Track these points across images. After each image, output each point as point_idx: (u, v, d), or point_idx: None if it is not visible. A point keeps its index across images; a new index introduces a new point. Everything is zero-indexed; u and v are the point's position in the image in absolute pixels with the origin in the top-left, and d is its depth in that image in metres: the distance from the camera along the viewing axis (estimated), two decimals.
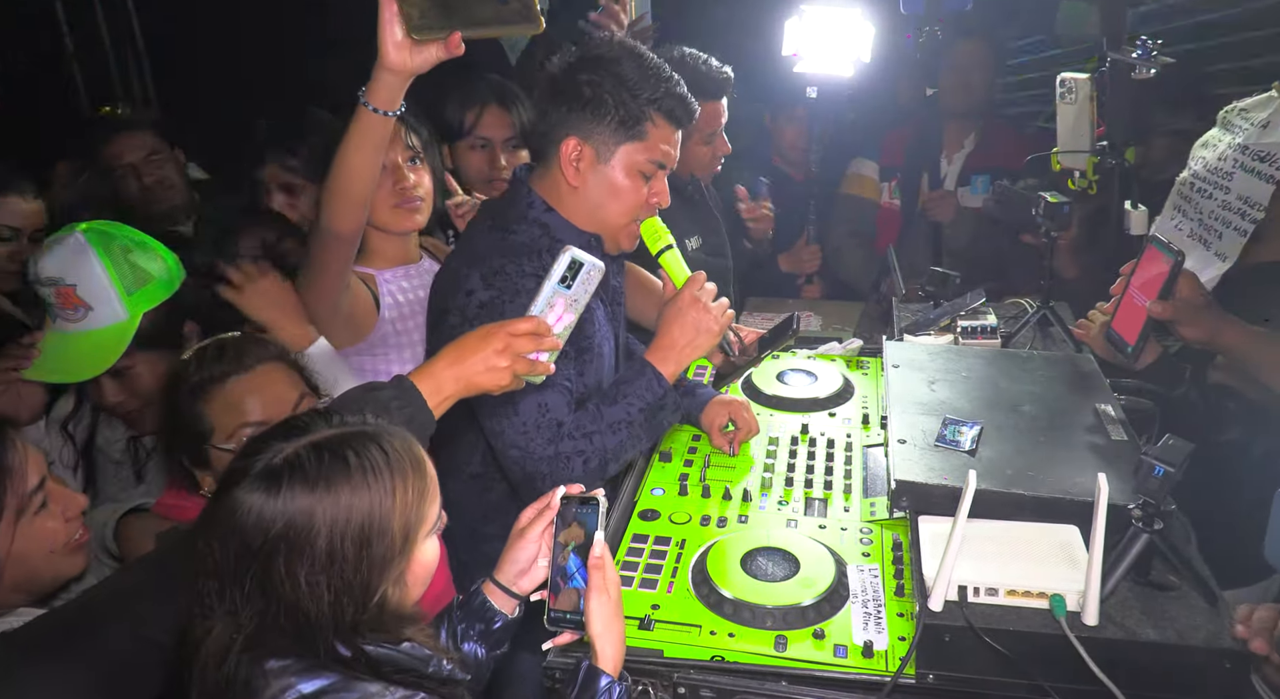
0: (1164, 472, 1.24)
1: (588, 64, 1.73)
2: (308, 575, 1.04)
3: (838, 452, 1.91)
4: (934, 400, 1.72)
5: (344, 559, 1.05)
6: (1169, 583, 1.31)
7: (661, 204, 1.82)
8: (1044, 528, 1.38)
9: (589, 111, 1.71)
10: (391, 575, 1.11)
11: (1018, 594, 1.27)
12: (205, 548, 1.06)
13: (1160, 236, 1.70)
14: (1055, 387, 1.77)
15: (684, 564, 1.55)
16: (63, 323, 1.85)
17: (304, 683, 1.02)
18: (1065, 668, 1.20)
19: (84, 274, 1.84)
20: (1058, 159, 2.28)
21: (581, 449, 1.66)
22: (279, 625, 1.05)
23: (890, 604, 1.44)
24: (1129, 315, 1.78)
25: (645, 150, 1.74)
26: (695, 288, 1.76)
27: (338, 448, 1.08)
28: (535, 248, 1.73)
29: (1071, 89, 2.19)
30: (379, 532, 1.07)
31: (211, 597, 1.05)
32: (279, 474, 1.06)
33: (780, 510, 1.72)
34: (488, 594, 1.37)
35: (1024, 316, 2.21)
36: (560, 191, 1.78)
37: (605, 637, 1.23)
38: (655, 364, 1.74)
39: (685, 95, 1.76)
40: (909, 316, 2.33)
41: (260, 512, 1.04)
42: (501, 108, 2.54)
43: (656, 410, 1.74)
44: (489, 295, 1.67)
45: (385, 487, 1.08)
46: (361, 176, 1.72)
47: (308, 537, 1.04)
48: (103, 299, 1.84)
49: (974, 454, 1.53)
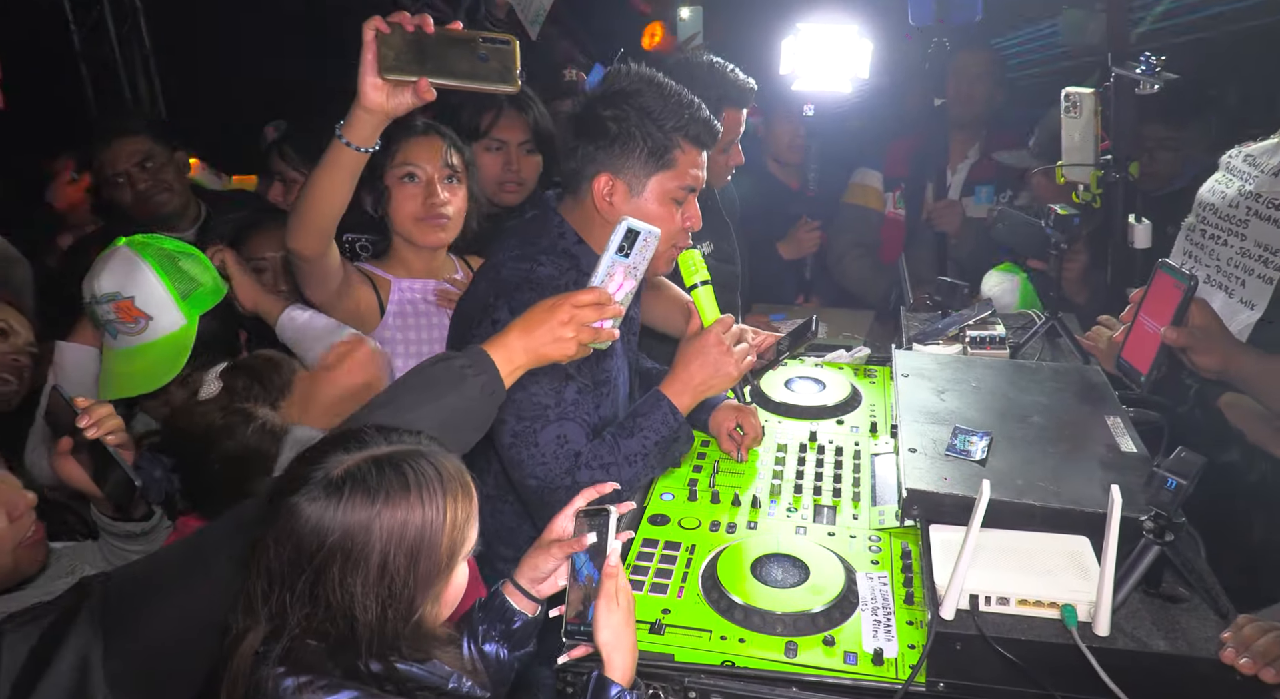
0: (1176, 484, 1.25)
1: (610, 99, 1.76)
2: (359, 586, 1.06)
3: (846, 459, 1.92)
4: (944, 410, 1.73)
5: (395, 573, 1.07)
6: (1180, 595, 1.32)
7: (694, 227, 1.85)
8: (1054, 538, 1.39)
9: (617, 147, 1.74)
10: (433, 592, 1.12)
11: (1029, 604, 1.28)
12: (259, 549, 1.08)
13: (1172, 263, 1.67)
14: (1064, 397, 1.78)
15: (694, 569, 1.55)
16: (125, 338, 1.87)
17: (329, 696, 1.03)
18: (1076, 678, 1.21)
19: (140, 285, 1.87)
20: (1062, 172, 2.30)
21: (598, 480, 1.67)
22: (320, 632, 1.06)
23: (900, 612, 1.45)
24: (1141, 343, 1.72)
25: (676, 178, 1.77)
26: (722, 330, 1.78)
27: (397, 463, 1.10)
28: (561, 281, 1.75)
29: (1076, 103, 2.21)
30: (429, 548, 1.09)
31: (257, 596, 1.07)
32: (340, 485, 1.07)
33: (789, 517, 1.72)
34: (507, 595, 1.38)
35: (1032, 327, 2.23)
36: (593, 224, 1.81)
37: (614, 646, 1.23)
38: (671, 397, 1.77)
39: (708, 118, 1.79)
40: (917, 326, 2.34)
41: (319, 520, 1.06)
42: (517, 111, 2.56)
43: (670, 442, 1.77)
44: None
45: (438, 505, 1.10)
46: (328, 205, 1.77)
47: (364, 548, 1.06)
48: (161, 307, 1.87)
49: (984, 464, 1.54)
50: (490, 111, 2.53)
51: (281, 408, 1.63)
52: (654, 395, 1.77)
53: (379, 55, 1.53)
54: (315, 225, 1.80)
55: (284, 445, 1.57)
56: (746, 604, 1.43)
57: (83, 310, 1.97)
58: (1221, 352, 1.66)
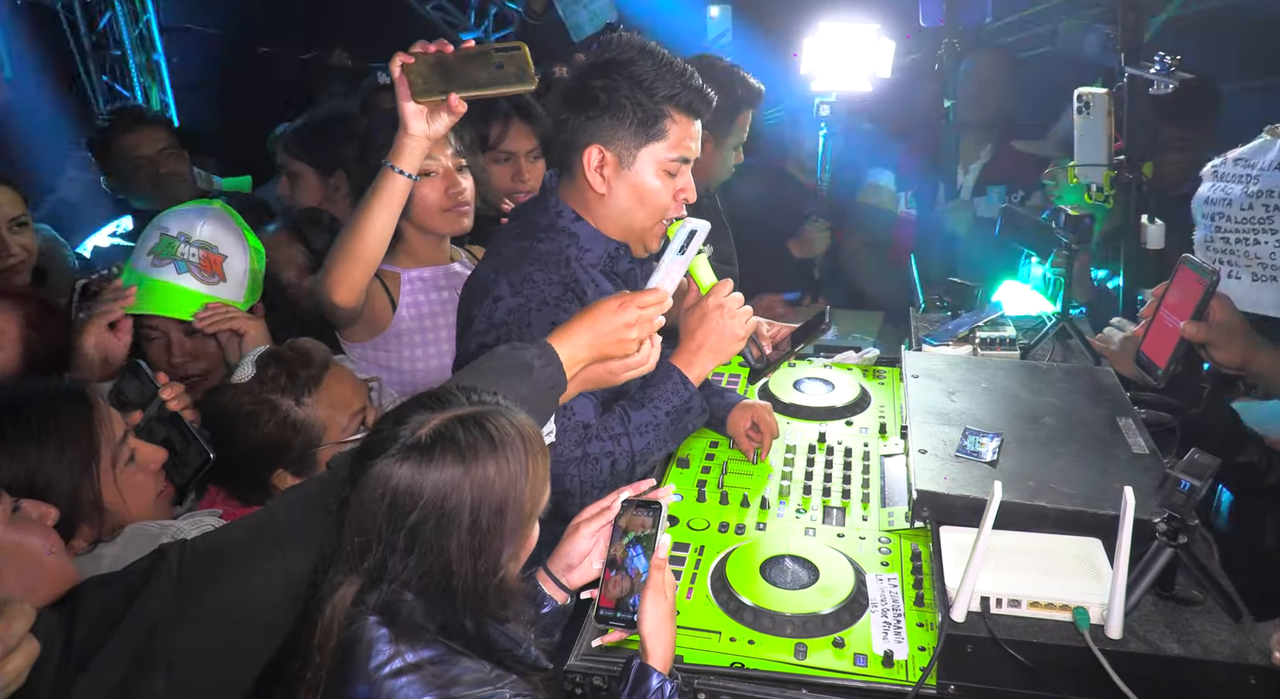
0: (1190, 486, 1.24)
1: (601, 68, 1.72)
2: (454, 541, 1.10)
3: (855, 461, 1.91)
4: (954, 411, 1.72)
5: (486, 528, 1.11)
6: (1193, 597, 1.31)
7: (689, 200, 1.82)
8: (1066, 540, 1.38)
9: (607, 117, 1.70)
10: (517, 546, 1.16)
11: (1041, 606, 1.28)
12: (355, 509, 1.11)
13: (1195, 259, 1.66)
14: (1075, 399, 1.77)
15: (703, 570, 1.55)
16: (188, 279, 1.92)
17: (411, 653, 1.06)
18: (1088, 681, 1.20)
19: (234, 251, 1.97)
20: (1074, 172, 2.28)
21: (610, 451, 1.67)
22: (420, 587, 1.10)
23: (910, 614, 1.44)
24: (1160, 337, 1.72)
25: (668, 149, 1.73)
26: (721, 294, 1.76)
27: (482, 422, 1.14)
28: (562, 257, 1.74)
29: (1089, 103, 2.20)
30: (515, 504, 1.13)
31: (355, 553, 1.10)
32: (430, 446, 1.11)
33: (798, 519, 1.72)
34: (539, 581, 1.40)
35: (1042, 328, 2.21)
36: (587, 200, 1.78)
37: (657, 636, 1.24)
38: (680, 367, 1.75)
39: (702, 87, 1.74)
40: (927, 327, 2.33)
41: (412, 480, 1.09)
42: (524, 121, 2.57)
43: (683, 413, 1.74)
44: (516, 301, 1.69)
45: (520, 461, 1.14)
46: (377, 239, 1.82)
47: (456, 505, 1.10)
48: (235, 279, 1.96)
49: (995, 465, 1.53)
50: (496, 123, 2.54)
51: (307, 403, 1.64)
52: (663, 366, 1.74)
53: (409, 83, 1.65)
54: (364, 263, 1.84)
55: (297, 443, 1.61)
56: (756, 606, 1.42)
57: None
58: (1241, 347, 1.66)
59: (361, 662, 1.06)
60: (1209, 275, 1.58)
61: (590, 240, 1.78)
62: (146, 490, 1.45)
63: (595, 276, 1.78)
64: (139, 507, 1.43)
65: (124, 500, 1.39)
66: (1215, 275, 1.57)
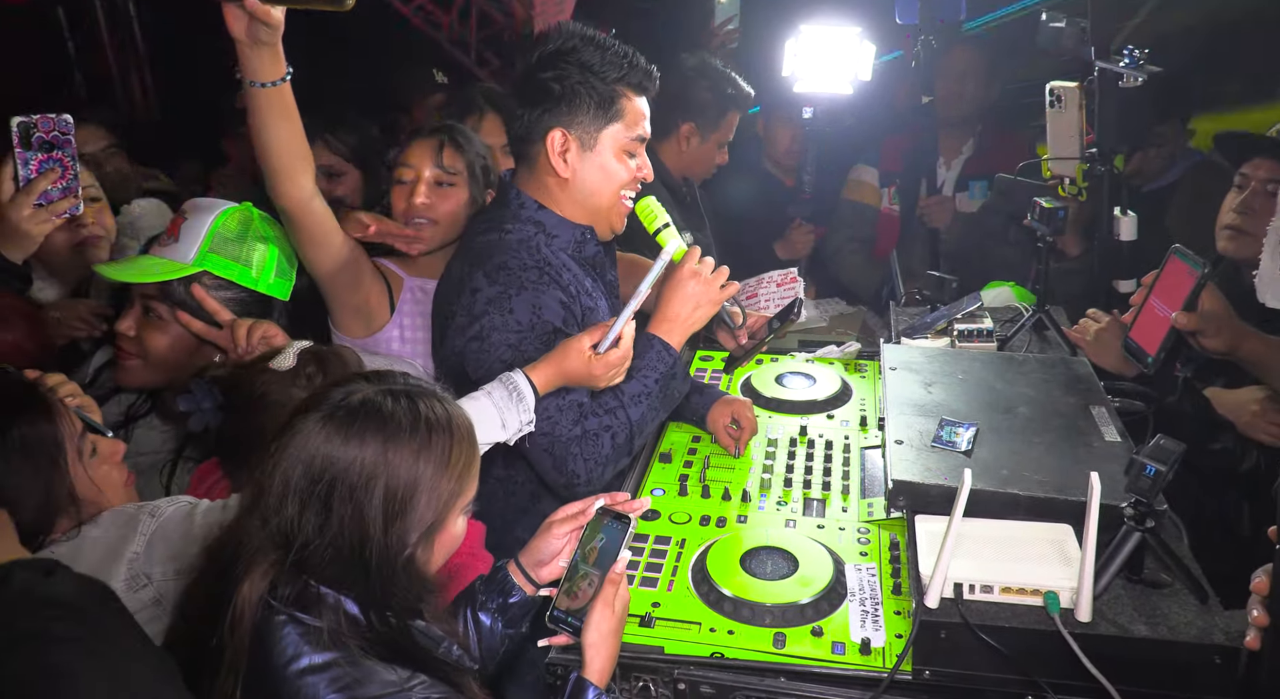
0: (1155, 471, 1.26)
1: (548, 61, 1.75)
2: (367, 508, 1.11)
3: (836, 453, 1.93)
4: (931, 402, 1.74)
5: (395, 502, 1.12)
6: (1161, 581, 1.33)
7: (647, 179, 1.85)
8: (1038, 527, 1.41)
9: (564, 105, 1.74)
10: (426, 532, 1.17)
11: (1012, 591, 1.30)
12: (276, 460, 1.12)
13: (1186, 250, 1.68)
14: (1050, 389, 1.80)
15: (684, 563, 1.57)
16: (155, 247, 1.91)
17: (317, 654, 1.07)
18: (1059, 664, 1.23)
19: (198, 216, 1.91)
20: (1048, 166, 2.31)
21: (608, 424, 1.68)
22: (325, 555, 1.11)
23: (888, 602, 1.46)
24: (1149, 325, 1.75)
25: (626, 128, 1.78)
26: (693, 261, 1.78)
27: (413, 398, 1.16)
28: (533, 243, 1.77)
29: (1061, 97, 2.22)
30: (430, 486, 1.15)
31: (270, 513, 1.11)
32: (355, 412, 1.13)
33: (779, 511, 1.74)
34: (509, 571, 1.42)
35: (1020, 320, 2.24)
36: (549, 188, 1.81)
37: (598, 648, 1.26)
38: (661, 336, 1.77)
39: (646, 65, 1.79)
40: (906, 320, 2.35)
41: (330, 441, 1.11)
42: (497, 115, 2.58)
43: (670, 379, 1.77)
44: (495, 291, 1.71)
45: (444, 446, 1.16)
46: (271, 148, 1.76)
47: (373, 471, 1.11)
48: (189, 241, 1.89)
49: (970, 455, 1.55)
50: (472, 117, 2.55)
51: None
52: (643, 338, 1.76)
53: None
54: (274, 169, 1.79)
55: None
56: (736, 597, 1.44)
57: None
58: (1230, 334, 1.70)
59: (270, 656, 1.07)
60: (1200, 266, 1.61)
61: (556, 227, 1.81)
62: (114, 479, 1.48)
63: (565, 261, 1.80)
64: (112, 493, 1.46)
65: (98, 489, 1.43)
66: (1207, 265, 1.61)
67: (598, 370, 1.61)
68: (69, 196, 1.72)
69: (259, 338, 1.75)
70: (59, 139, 1.69)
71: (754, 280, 2.90)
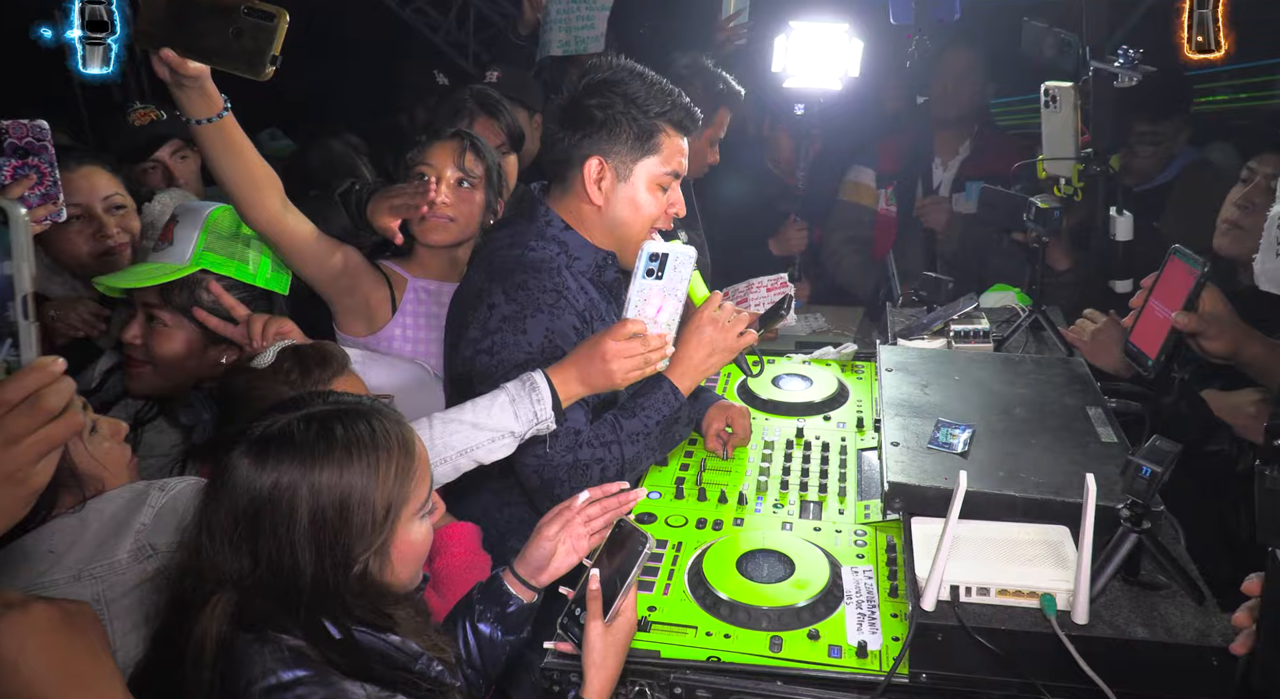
0: (1151, 472, 1.26)
1: (595, 88, 1.80)
2: (296, 535, 1.12)
3: (832, 455, 1.93)
4: (927, 403, 1.74)
5: (325, 524, 1.13)
6: (1158, 582, 1.33)
7: (679, 214, 1.90)
8: (1035, 528, 1.40)
9: (604, 133, 1.78)
10: (372, 546, 1.16)
11: (1009, 594, 1.29)
12: (207, 507, 1.14)
13: (1185, 250, 1.67)
14: (1047, 390, 1.80)
15: (680, 566, 1.56)
16: (151, 254, 1.92)
17: (285, 671, 1.06)
18: (1056, 666, 1.22)
19: (189, 217, 1.92)
20: (1043, 166, 2.31)
21: (600, 457, 1.70)
22: (267, 584, 1.11)
23: (884, 605, 1.46)
24: (1150, 328, 1.72)
25: (662, 163, 1.82)
26: (713, 307, 1.80)
27: (327, 421, 1.16)
28: (554, 265, 1.78)
29: (1056, 97, 2.22)
30: (360, 502, 1.15)
31: (209, 552, 1.12)
32: (269, 442, 1.14)
33: (775, 513, 1.74)
34: (505, 580, 1.42)
35: (1016, 321, 2.24)
36: (581, 211, 1.84)
37: (599, 669, 1.26)
38: (673, 379, 1.78)
39: (689, 105, 1.84)
40: (903, 321, 2.35)
41: (249, 476, 1.12)
42: (489, 117, 2.60)
43: (672, 423, 1.78)
44: (511, 309, 1.72)
45: (368, 460, 1.15)
46: (227, 177, 1.79)
47: (292, 500, 1.12)
48: (183, 242, 1.90)
49: (966, 456, 1.55)
50: (463, 120, 2.56)
51: None
52: (653, 378, 1.78)
53: (140, 18, 1.50)
54: (234, 198, 1.83)
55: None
56: (732, 600, 1.44)
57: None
58: (1231, 336, 1.67)
59: (238, 677, 1.07)
60: (1200, 266, 1.59)
61: (579, 249, 1.83)
62: (116, 456, 1.48)
63: (584, 284, 1.82)
64: (116, 469, 1.47)
65: (102, 466, 1.43)
66: (1207, 266, 1.59)
67: (614, 364, 1.59)
68: (48, 203, 1.70)
69: (274, 333, 1.76)
70: (34, 145, 1.69)
71: (744, 285, 2.91)
